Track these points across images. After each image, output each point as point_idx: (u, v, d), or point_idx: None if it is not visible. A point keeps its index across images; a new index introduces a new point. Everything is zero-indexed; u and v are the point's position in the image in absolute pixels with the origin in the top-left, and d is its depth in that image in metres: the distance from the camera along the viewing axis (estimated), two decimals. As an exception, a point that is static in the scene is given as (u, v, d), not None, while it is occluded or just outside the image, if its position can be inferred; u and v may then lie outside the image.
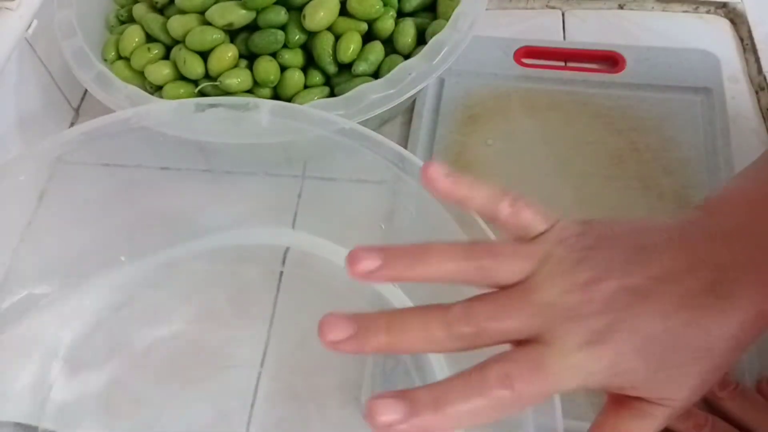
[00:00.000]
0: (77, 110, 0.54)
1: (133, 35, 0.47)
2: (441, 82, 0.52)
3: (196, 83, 0.46)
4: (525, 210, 0.28)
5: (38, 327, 0.42)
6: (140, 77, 0.47)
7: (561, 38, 0.56)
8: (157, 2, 0.48)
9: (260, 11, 0.44)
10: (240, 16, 0.44)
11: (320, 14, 0.44)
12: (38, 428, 0.39)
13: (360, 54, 0.45)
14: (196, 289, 0.44)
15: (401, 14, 0.47)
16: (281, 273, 0.44)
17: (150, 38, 0.48)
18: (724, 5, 0.56)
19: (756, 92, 0.51)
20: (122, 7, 0.50)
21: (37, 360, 0.41)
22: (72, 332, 0.42)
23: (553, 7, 0.58)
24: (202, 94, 0.46)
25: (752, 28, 0.54)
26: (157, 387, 0.40)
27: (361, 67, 0.44)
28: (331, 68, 0.46)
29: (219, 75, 0.45)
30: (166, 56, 0.47)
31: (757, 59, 0.52)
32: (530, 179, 0.47)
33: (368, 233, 0.43)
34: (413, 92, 0.42)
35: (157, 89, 0.46)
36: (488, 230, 0.31)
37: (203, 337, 0.42)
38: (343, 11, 0.45)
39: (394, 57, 0.45)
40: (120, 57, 0.47)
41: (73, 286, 0.43)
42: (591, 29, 0.56)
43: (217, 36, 0.45)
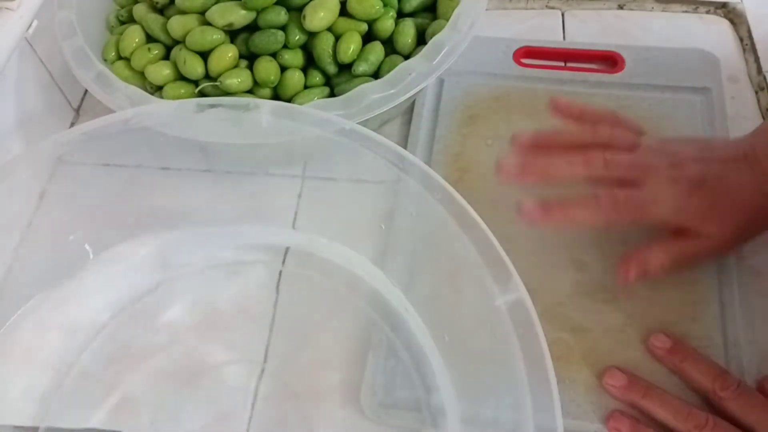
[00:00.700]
0: (77, 110, 0.54)
1: (134, 35, 0.47)
2: (440, 82, 0.52)
3: (197, 83, 0.46)
4: (623, 122, 0.43)
5: (38, 327, 0.42)
6: (140, 77, 0.47)
7: (561, 38, 0.56)
8: (158, 2, 0.48)
9: (260, 12, 0.45)
10: (240, 17, 0.44)
11: (320, 14, 0.44)
12: (38, 429, 0.39)
13: (360, 54, 0.45)
14: (196, 290, 0.44)
15: (401, 14, 0.47)
16: (281, 273, 0.44)
17: (150, 38, 0.48)
18: (724, 5, 0.56)
19: (756, 92, 0.51)
20: (122, 8, 0.50)
21: (37, 361, 0.41)
22: (72, 333, 0.42)
23: (553, 8, 0.58)
24: (203, 95, 0.46)
25: (752, 28, 0.54)
26: (157, 387, 0.40)
27: (361, 68, 0.45)
28: (331, 68, 0.46)
29: (219, 75, 0.45)
30: (167, 56, 0.47)
31: (757, 59, 0.52)
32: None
33: (368, 233, 0.43)
34: (413, 92, 0.42)
35: (158, 89, 0.46)
36: (488, 231, 0.31)
37: (203, 338, 0.42)
38: (343, 12, 0.45)
39: (394, 57, 0.45)
40: (120, 57, 0.48)
41: (73, 287, 0.43)
42: (591, 29, 0.56)
43: (218, 36, 0.45)
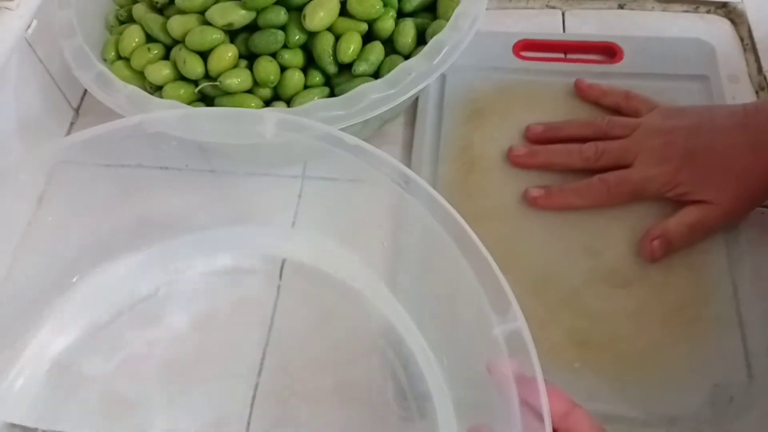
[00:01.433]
0: (77, 110, 0.54)
1: (133, 35, 0.47)
2: (443, 78, 0.52)
3: (196, 83, 0.45)
4: (635, 99, 0.48)
5: (38, 328, 0.42)
6: (140, 77, 0.47)
7: (561, 38, 0.56)
8: (157, 2, 0.48)
9: (260, 11, 0.44)
10: (240, 17, 0.44)
11: (320, 14, 0.44)
12: (37, 429, 0.39)
13: (360, 54, 0.45)
14: (196, 290, 0.44)
15: (401, 14, 0.47)
16: (281, 270, 0.44)
17: (150, 38, 0.48)
18: (724, 5, 0.56)
19: (756, 92, 0.51)
20: (122, 7, 0.50)
21: (36, 361, 0.41)
22: (71, 334, 0.42)
23: (553, 7, 0.58)
24: (203, 94, 0.46)
25: (752, 28, 0.54)
26: (155, 389, 0.40)
27: (362, 68, 0.44)
28: (331, 68, 0.45)
29: (219, 75, 0.44)
30: (166, 56, 0.47)
31: (757, 59, 0.52)
32: (537, 171, 0.47)
33: (368, 233, 0.43)
34: (413, 92, 0.42)
35: (157, 89, 0.46)
36: (490, 258, 0.32)
37: (202, 338, 0.42)
38: (343, 11, 0.45)
39: (395, 57, 0.45)
40: (120, 57, 0.47)
41: (73, 287, 0.43)
42: (591, 29, 0.56)
43: (217, 36, 0.45)
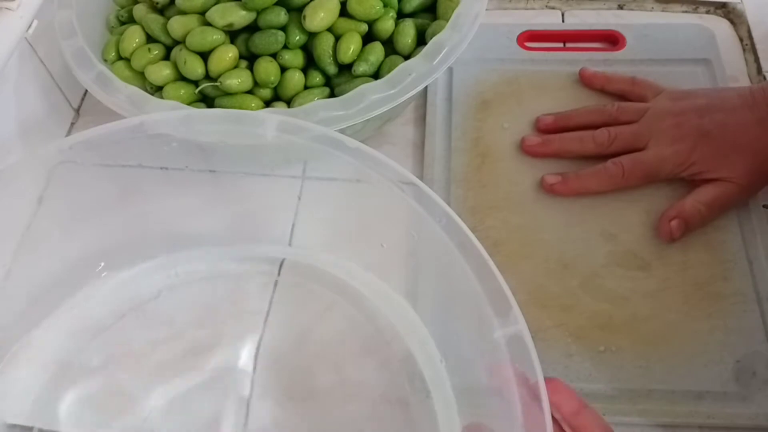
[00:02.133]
0: (77, 110, 0.54)
1: (134, 36, 0.47)
2: (450, 72, 0.53)
3: (197, 84, 0.46)
4: (640, 84, 0.49)
5: (37, 328, 0.42)
6: (140, 78, 0.47)
7: (561, 38, 0.56)
8: (158, 3, 0.48)
9: (260, 12, 0.45)
10: (240, 17, 0.44)
11: (320, 15, 0.44)
12: (33, 429, 0.39)
13: (360, 54, 0.45)
14: (195, 290, 0.44)
15: (401, 15, 0.47)
16: (280, 269, 0.44)
17: (150, 39, 0.48)
18: (724, 5, 0.56)
19: (755, 92, 0.52)
20: (122, 8, 0.50)
21: (35, 361, 0.41)
22: (70, 334, 0.42)
23: (553, 8, 0.58)
24: (203, 95, 0.46)
25: (752, 28, 0.54)
26: (154, 388, 0.40)
27: (362, 68, 0.44)
28: (332, 69, 0.46)
29: (219, 75, 0.45)
30: (167, 57, 0.47)
31: (757, 59, 0.53)
32: (549, 159, 0.48)
33: (368, 234, 0.43)
34: (413, 92, 0.42)
35: (158, 90, 0.46)
36: (490, 261, 0.32)
37: (201, 336, 0.42)
38: (344, 12, 0.45)
39: (395, 57, 0.45)
40: (120, 57, 0.47)
41: (73, 287, 0.43)
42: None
43: (218, 37, 0.45)
